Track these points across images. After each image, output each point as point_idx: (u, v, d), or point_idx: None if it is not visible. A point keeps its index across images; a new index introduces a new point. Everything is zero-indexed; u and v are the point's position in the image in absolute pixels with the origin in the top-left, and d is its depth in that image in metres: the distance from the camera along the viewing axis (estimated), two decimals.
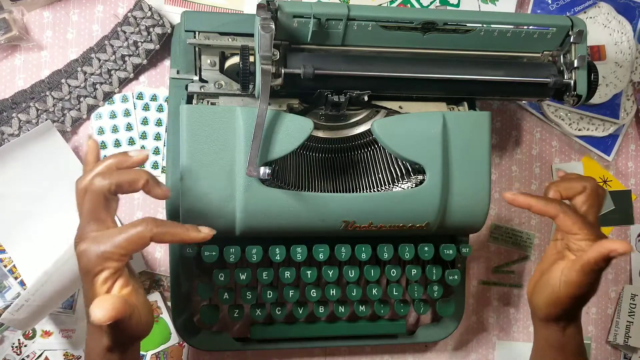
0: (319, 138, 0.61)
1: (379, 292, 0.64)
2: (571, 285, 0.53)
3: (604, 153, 0.79)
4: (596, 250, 0.50)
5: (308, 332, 0.66)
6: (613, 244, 0.49)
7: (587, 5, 0.77)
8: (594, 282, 0.53)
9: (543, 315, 0.57)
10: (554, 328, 0.57)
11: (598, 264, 0.51)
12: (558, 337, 0.57)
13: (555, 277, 0.54)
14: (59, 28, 0.66)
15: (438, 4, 0.74)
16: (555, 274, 0.55)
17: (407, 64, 0.58)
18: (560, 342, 0.58)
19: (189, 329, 0.65)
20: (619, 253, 0.49)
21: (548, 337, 0.58)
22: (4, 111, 0.63)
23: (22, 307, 0.56)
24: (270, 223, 0.56)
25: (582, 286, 0.52)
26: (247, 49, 0.55)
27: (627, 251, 0.49)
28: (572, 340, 0.57)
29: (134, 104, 0.67)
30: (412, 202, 0.58)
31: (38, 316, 0.59)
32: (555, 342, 0.58)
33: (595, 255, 0.50)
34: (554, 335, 0.57)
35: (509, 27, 0.60)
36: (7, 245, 0.64)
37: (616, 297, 0.79)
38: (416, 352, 0.74)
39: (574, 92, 0.60)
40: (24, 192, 0.63)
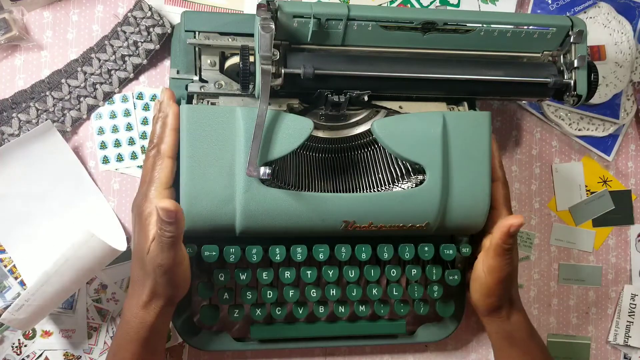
0: (319, 138, 0.61)
1: (379, 292, 0.64)
2: (493, 271, 0.59)
3: (604, 153, 0.79)
4: (498, 230, 0.57)
5: (308, 332, 0.66)
6: (508, 221, 0.56)
7: (587, 5, 0.77)
8: (510, 261, 0.58)
9: (484, 309, 0.62)
10: (498, 320, 0.62)
11: (506, 243, 0.57)
12: (505, 327, 0.62)
13: (479, 269, 0.61)
14: (59, 28, 0.66)
15: (438, 4, 0.74)
16: (478, 266, 0.61)
17: (407, 64, 0.58)
18: (508, 331, 0.62)
19: (189, 329, 0.65)
20: (516, 226, 0.56)
21: (497, 330, 0.63)
22: (4, 111, 0.64)
23: (22, 307, 0.56)
24: (270, 223, 0.56)
25: (501, 268, 0.59)
26: (247, 49, 0.55)
27: (521, 222, 0.56)
28: (519, 326, 0.62)
29: (134, 104, 0.67)
30: (412, 202, 0.58)
31: (38, 316, 0.59)
32: (504, 333, 0.63)
33: (499, 236, 0.57)
34: (501, 326, 0.62)
35: (509, 27, 0.60)
36: (7, 245, 0.64)
37: (616, 297, 0.79)
38: (416, 352, 0.74)
39: (574, 92, 0.60)
40: (24, 192, 0.63)
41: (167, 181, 0.55)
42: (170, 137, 0.56)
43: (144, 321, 0.54)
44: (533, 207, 0.77)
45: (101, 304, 0.66)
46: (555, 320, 0.77)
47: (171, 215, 0.48)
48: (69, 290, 0.60)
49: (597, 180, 0.79)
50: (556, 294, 0.78)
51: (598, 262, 0.79)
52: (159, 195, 0.54)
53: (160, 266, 0.51)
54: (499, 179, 0.63)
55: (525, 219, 0.77)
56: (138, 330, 0.54)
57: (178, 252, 0.52)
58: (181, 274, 0.54)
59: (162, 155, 0.56)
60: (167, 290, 0.54)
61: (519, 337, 0.62)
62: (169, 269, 0.52)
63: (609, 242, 0.79)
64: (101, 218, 0.65)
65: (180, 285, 0.55)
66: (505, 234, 0.56)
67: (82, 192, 0.65)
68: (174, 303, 0.57)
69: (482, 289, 0.61)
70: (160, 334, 0.57)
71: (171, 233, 0.49)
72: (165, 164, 0.55)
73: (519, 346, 0.62)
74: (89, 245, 0.57)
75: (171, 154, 0.56)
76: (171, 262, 0.51)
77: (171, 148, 0.56)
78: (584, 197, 0.78)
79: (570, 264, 0.78)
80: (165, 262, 0.51)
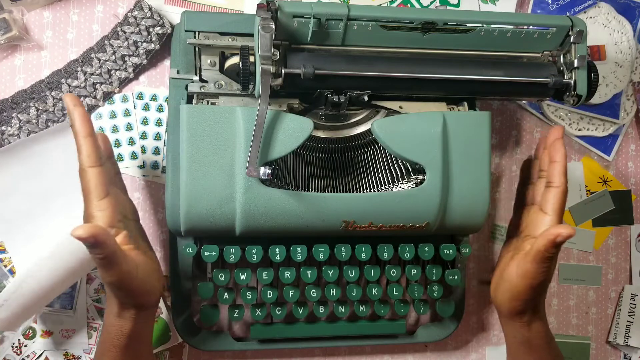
0: (319, 138, 0.61)
1: (379, 292, 0.64)
2: (527, 276, 0.56)
3: (604, 153, 0.79)
4: (544, 238, 0.54)
5: (308, 332, 0.66)
6: (557, 229, 0.53)
7: (587, 5, 0.77)
8: (547, 270, 0.56)
9: (507, 311, 0.60)
10: (518, 324, 0.60)
11: (548, 251, 0.54)
12: (524, 332, 0.60)
13: (512, 271, 0.58)
14: (59, 28, 0.66)
15: (438, 4, 0.74)
16: (512, 268, 0.58)
17: (407, 64, 0.58)
18: (526, 337, 0.60)
19: (189, 329, 0.65)
20: (564, 237, 0.52)
21: (515, 334, 0.61)
22: (4, 111, 0.64)
23: (1, 306, 0.56)
24: (270, 223, 0.56)
25: (537, 275, 0.56)
26: (247, 49, 0.55)
27: (570, 234, 0.52)
28: (538, 334, 0.60)
29: (134, 104, 0.67)
30: (412, 202, 0.58)
31: (21, 317, 0.59)
32: (522, 338, 0.60)
33: (544, 243, 0.54)
34: (520, 331, 0.60)
35: (509, 27, 0.60)
36: (7, 242, 0.64)
37: (616, 297, 0.79)
38: (416, 352, 0.74)
39: (574, 92, 0.60)
40: (30, 189, 0.63)
41: (98, 192, 0.51)
42: (85, 145, 0.51)
43: (121, 329, 0.52)
44: None
45: (101, 304, 0.66)
46: (555, 320, 0.77)
47: (88, 241, 0.44)
48: (52, 291, 0.60)
49: (597, 180, 0.79)
50: (556, 294, 0.78)
51: (598, 262, 0.79)
52: (95, 209, 0.51)
53: (111, 284, 0.49)
54: (560, 186, 0.59)
55: None
56: (117, 338, 0.53)
57: (122, 267, 0.48)
58: (139, 283, 0.51)
59: (82, 167, 0.51)
60: (132, 300, 0.52)
61: (536, 344, 0.60)
62: (120, 284, 0.49)
63: (609, 242, 0.79)
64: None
65: (144, 292, 0.52)
66: (551, 243, 0.53)
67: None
68: (149, 307, 0.55)
69: (510, 291, 0.58)
70: (141, 340, 0.55)
71: (100, 255, 0.46)
72: (89, 176, 0.51)
73: (536, 354, 0.61)
74: (69, 247, 0.56)
75: (91, 163, 0.51)
76: (118, 278, 0.49)
77: (89, 157, 0.51)
78: (584, 197, 0.78)
79: (570, 264, 0.78)
80: (112, 279, 0.48)
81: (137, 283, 0.50)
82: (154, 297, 0.54)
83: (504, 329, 0.63)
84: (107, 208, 0.51)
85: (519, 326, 0.60)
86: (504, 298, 0.59)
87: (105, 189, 0.51)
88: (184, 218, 0.55)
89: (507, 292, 0.59)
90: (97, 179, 0.51)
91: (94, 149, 0.51)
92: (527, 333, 0.60)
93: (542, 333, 0.60)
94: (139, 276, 0.51)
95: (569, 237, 0.53)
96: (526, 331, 0.60)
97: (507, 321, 0.61)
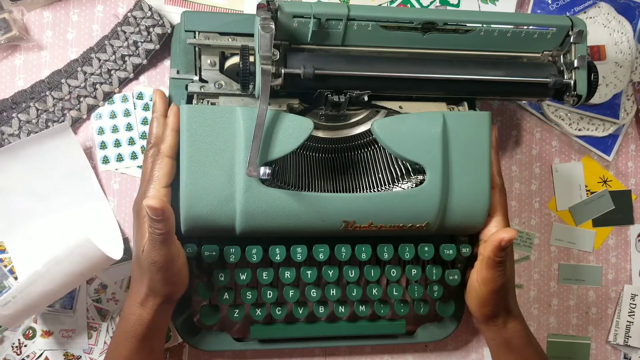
0: (319, 138, 0.61)
1: (379, 292, 0.64)
2: (486, 282, 0.59)
3: (604, 153, 0.79)
4: (490, 244, 0.57)
5: (308, 332, 0.66)
6: (499, 234, 0.55)
7: (587, 5, 0.77)
8: (503, 273, 0.58)
9: (480, 317, 0.62)
10: (495, 327, 0.62)
11: (498, 256, 0.56)
12: (502, 334, 0.62)
13: (473, 279, 0.61)
14: (59, 28, 0.66)
15: (438, 4, 0.74)
16: (473, 276, 0.61)
17: (407, 64, 0.58)
18: (505, 338, 0.62)
19: (189, 329, 0.65)
20: (507, 240, 0.55)
21: (494, 337, 0.63)
22: (4, 111, 0.64)
23: (8, 303, 0.56)
24: (270, 223, 0.56)
25: (495, 280, 0.58)
26: (247, 49, 0.55)
27: (512, 236, 0.55)
28: (516, 333, 0.62)
29: (134, 104, 0.67)
30: (412, 202, 0.58)
31: (24, 314, 0.59)
32: (501, 340, 0.62)
33: (491, 249, 0.56)
34: (498, 333, 0.62)
35: (509, 27, 0.60)
36: (6, 241, 0.64)
37: (616, 297, 0.79)
38: (416, 352, 0.74)
39: (574, 92, 0.60)
40: (30, 189, 0.63)
41: (166, 180, 0.56)
42: (170, 137, 0.57)
43: (141, 318, 0.54)
44: (533, 207, 0.77)
45: (101, 304, 0.66)
46: (555, 320, 0.77)
47: (158, 212, 0.49)
48: (58, 293, 0.60)
49: (597, 180, 0.79)
50: (556, 294, 0.78)
51: (598, 262, 0.79)
52: (157, 194, 0.55)
53: (155, 263, 0.52)
54: (497, 185, 0.62)
55: (525, 219, 0.77)
56: (136, 327, 0.54)
57: (171, 249, 0.52)
58: (176, 271, 0.54)
59: (161, 154, 0.56)
60: (163, 288, 0.54)
61: (516, 344, 0.62)
62: (163, 266, 0.52)
63: (609, 242, 0.79)
64: (102, 223, 0.65)
65: (177, 282, 0.55)
66: (497, 248, 0.56)
67: (87, 195, 0.65)
68: (172, 301, 0.57)
69: (477, 299, 0.61)
70: (158, 332, 0.57)
71: (160, 230, 0.50)
72: (165, 163, 0.56)
73: (517, 353, 0.62)
74: (83, 250, 0.57)
75: (170, 154, 0.56)
76: (164, 258, 0.52)
77: (171, 148, 0.56)
78: (584, 197, 0.78)
79: (570, 264, 0.78)
80: (159, 258, 0.51)
81: (175, 270, 0.54)
82: (181, 291, 0.57)
83: (483, 334, 0.65)
84: (165, 196, 0.55)
85: (495, 329, 0.62)
86: (474, 305, 0.62)
87: (169, 180, 0.56)
88: (184, 218, 0.56)
89: (474, 299, 0.61)
90: (169, 169, 0.56)
91: (176, 143, 0.57)
92: (505, 334, 0.62)
93: (520, 332, 0.62)
94: (179, 264, 0.54)
95: (511, 240, 0.55)
96: (504, 332, 0.62)
97: (483, 326, 0.63)
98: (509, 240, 0.55)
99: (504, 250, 0.56)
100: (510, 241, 0.55)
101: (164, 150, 0.56)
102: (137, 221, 0.55)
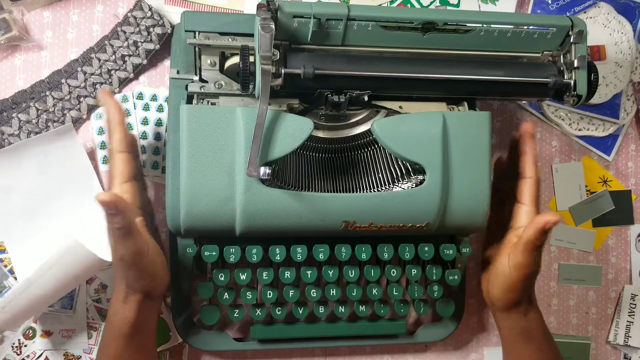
0: (319, 138, 0.61)
1: (379, 292, 0.64)
2: (520, 267, 0.58)
3: (604, 153, 0.79)
4: (533, 227, 0.55)
5: (308, 332, 0.66)
6: (544, 217, 0.55)
7: (587, 5, 0.77)
8: (539, 259, 0.58)
9: (502, 304, 0.61)
10: (515, 315, 0.61)
11: (538, 239, 0.56)
12: (521, 323, 0.61)
13: (504, 264, 0.59)
14: (59, 28, 0.66)
15: (438, 4, 0.74)
16: (504, 261, 0.60)
17: (407, 64, 0.58)
18: (524, 327, 0.61)
19: (189, 329, 0.65)
20: (552, 223, 0.55)
21: (512, 326, 0.62)
22: (4, 111, 0.64)
23: (4, 307, 0.56)
24: (270, 223, 0.56)
25: (529, 265, 0.58)
26: (247, 49, 0.55)
27: (557, 220, 0.55)
28: (535, 323, 0.62)
29: (134, 104, 0.67)
30: (412, 202, 0.58)
31: (19, 319, 0.59)
32: (520, 329, 0.62)
33: (533, 232, 0.55)
34: (517, 322, 0.61)
35: (509, 27, 0.60)
36: (7, 242, 0.64)
37: (616, 297, 0.79)
38: (416, 352, 0.74)
39: (574, 92, 0.60)
40: (32, 189, 0.63)
41: (123, 175, 0.55)
42: (116, 131, 0.56)
43: (124, 317, 0.54)
44: None
45: (101, 304, 0.66)
46: (555, 320, 0.77)
47: (110, 206, 0.48)
48: (52, 297, 0.60)
49: (597, 180, 0.79)
50: (556, 294, 0.78)
51: (598, 262, 0.79)
52: (120, 190, 0.55)
53: (122, 259, 0.51)
54: (532, 176, 0.61)
55: None
56: (121, 327, 0.54)
57: (136, 242, 0.51)
58: (148, 264, 0.53)
59: (111, 151, 0.56)
60: (139, 283, 0.53)
61: (534, 334, 0.62)
62: (131, 262, 0.51)
63: (609, 242, 0.79)
64: (102, 224, 0.65)
65: (152, 276, 0.54)
66: (540, 231, 0.55)
67: (88, 196, 0.65)
68: (154, 297, 0.56)
69: (505, 284, 0.60)
70: (145, 330, 0.57)
71: (119, 224, 0.49)
72: (117, 159, 0.55)
73: (535, 343, 0.62)
74: (74, 253, 0.56)
75: (121, 148, 0.56)
76: (131, 252, 0.51)
77: (119, 142, 0.56)
78: (584, 197, 0.78)
79: (570, 264, 0.78)
80: (125, 252, 0.51)
81: (146, 263, 0.53)
82: (160, 286, 0.56)
83: (499, 324, 0.64)
84: (127, 192, 0.55)
85: (516, 317, 0.61)
86: (499, 292, 0.61)
87: (129, 174, 0.55)
88: (184, 218, 0.55)
89: (501, 285, 0.60)
90: (123, 164, 0.55)
91: (124, 136, 0.56)
92: (525, 323, 0.61)
93: (540, 322, 0.62)
94: (149, 256, 0.53)
95: (556, 223, 0.55)
96: (524, 321, 0.61)
97: (503, 314, 0.62)
98: (554, 223, 0.55)
99: (546, 234, 0.56)
100: (555, 224, 0.55)
101: (115, 146, 0.56)
102: None
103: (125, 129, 0.56)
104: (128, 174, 0.55)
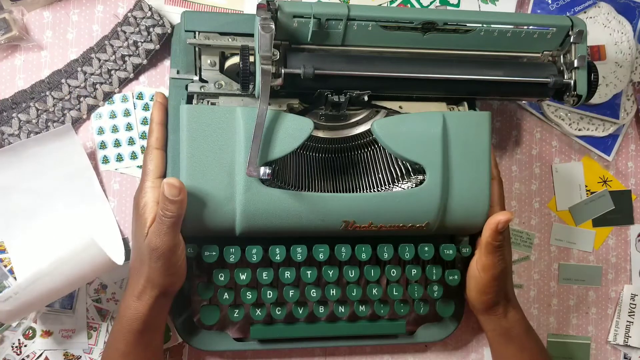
0: (319, 138, 0.61)
1: (379, 292, 0.64)
2: (487, 268, 0.60)
3: (604, 153, 0.79)
4: (487, 228, 0.58)
5: (308, 332, 0.66)
6: (495, 218, 0.58)
7: (587, 5, 0.77)
8: (502, 258, 0.60)
9: (481, 306, 0.63)
10: (495, 317, 0.63)
11: (495, 240, 0.58)
12: (502, 324, 0.63)
13: (474, 268, 0.62)
14: (59, 28, 0.66)
15: (438, 4, 0.74)
16: (473, 265, 0.63)
17: (407, 64, 0.58)
18: (505, 328, 0.63)
19: (189, 329, 0.65)
20: (503, 222, 0.57)
21: (494, 328, 0.64)
22: (4, 111, 0.64)
23: (9, 299, 0.56)
24: (270, 223, 0.56)
25: (495, 265, 0.60)
26: (247, 49, 0.55)
27: (509, 218, 0.57)
28: (516, 322, 0.64)
29: (134, 104, 0.67)
30: (412, 202, 0.58)
31: (22, 312, 0.59)
32: (502, 330, 0.64)
33: (488, 233, 0.58)
34: (498, 323, 0.63)
35: (509, 27, 0.60)
36: (6, 240, 0.64)
37: (616, 297, 0.79)
38: (416, 352, 0.74)
39: (574, 92, 0.60)
40: (32, 188, 0.63)
41: (158, 171, 0.57)
42: (156, 130, 0.59)
43: (137, 312, 0.54)
44: (533, 207, 0.77)
45: (101, 304, 0.66)
46: (555, 320, 0.77)
47: (176, 192, 0.50)
48: (59, 292, 0.60)
49: (597, 180, 0.79)
50: (556, 294, 0.78)
51: (598, 262, 0.79)
52: (152, 185, 0.56)
53: (156, 249, 0.52)
54: (494, 177, 0.63)
55: (525, 219, 0.77)
56: (132, 322, 0.55)
57: (175, 237, 0.53)
58: (175, 261, 0.54)
59: (149, 147, 0.58)
60: (161, 279, 0.54)
61: (515, 333, 0.63)
62: (163, 254, 0.52)
63: (609, 242, 0.79)
64: (103, 227, 0.65)
65: (175, 274, 0.55)
66: (494, 231, 0.57)
67: (88, 197, 0.65)
68: (169, 295, 0.57)
69: (477, 287, 0.62)
70: (154, 329, 0.57)
71: (172, 212, 0.51)
72: (153, 155, 0.58)
73: (516, 342, 0.63)
74: (89, 252, 0.57)
75: (158, 145, 0.58)
76: (166, 246, 0.52)
77: (157, 140, 0.58)
78: (584, 197, 0.78)
79: (570, 264, 0.78)
80: (161, 245, 0.52)
81: (175, 260, 0.54)
82: (178, 284, 0.57)
83: (483, 326, 0.65)
84: (160, 187, 0.54)
85: (496, 319, 0.63)
86: (474, 295, 0.63)
87: (162, 171, 0.58)
88: (184, 218, 0.55)
89: (474, 288, 0.62)
90: (159, 160, 0.58)
91: (162, 136, 0.59)
92: (505, 323, 0.63)
93: (520, 321, 0.64)
94: (178, 254, 0.54)
95: (508, 222, 0.57)
96: (504, 322, 0.63)
97: (484, 317, 0.64)
98: (506, 223, 0.57)
99: (502, 233, 0.58)
100: (506, 223, 0.57)
101: (151, 142, 0.58)
102: (137, 212, 0.56)
103: (164, 129, 0.59)
104: (161, 170, 0.58)
